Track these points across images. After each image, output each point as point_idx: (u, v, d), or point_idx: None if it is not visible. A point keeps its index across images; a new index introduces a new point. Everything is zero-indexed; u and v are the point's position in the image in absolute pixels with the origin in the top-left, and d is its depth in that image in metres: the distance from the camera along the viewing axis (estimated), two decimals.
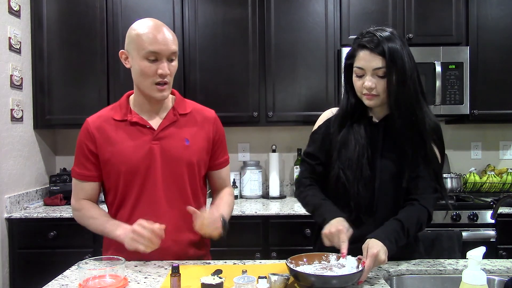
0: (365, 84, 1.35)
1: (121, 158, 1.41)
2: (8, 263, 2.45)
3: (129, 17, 2.74)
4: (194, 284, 1.20)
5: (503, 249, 2.45)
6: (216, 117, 1.57)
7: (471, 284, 0.95)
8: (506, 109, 2.76)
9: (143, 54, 1.36)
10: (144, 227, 1.29)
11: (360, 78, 1.37)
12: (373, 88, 1.34)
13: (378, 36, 1.32)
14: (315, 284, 1.11)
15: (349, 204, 1.40)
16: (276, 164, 2.98)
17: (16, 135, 2.60)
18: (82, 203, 1.48)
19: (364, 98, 1.38)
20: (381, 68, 1.32)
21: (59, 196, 2.72)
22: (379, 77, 1.33)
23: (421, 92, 1.39)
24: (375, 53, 1.32)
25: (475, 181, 2.92)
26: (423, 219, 1.37)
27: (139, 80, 1.41)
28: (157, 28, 1.38)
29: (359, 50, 1.35)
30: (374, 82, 1.34)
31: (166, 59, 1.38)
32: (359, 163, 1.38)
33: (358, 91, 1.39)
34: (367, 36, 1.35)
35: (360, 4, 2.76)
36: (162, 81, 1.38)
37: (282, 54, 2.78)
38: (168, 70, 1.38)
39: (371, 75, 1.34)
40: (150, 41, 1.35)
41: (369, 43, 1.33)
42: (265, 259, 2.04)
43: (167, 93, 1.42)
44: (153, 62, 1.37)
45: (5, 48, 2.51)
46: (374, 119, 1.45)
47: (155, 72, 1.37)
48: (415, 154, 1.37)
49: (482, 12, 2.74)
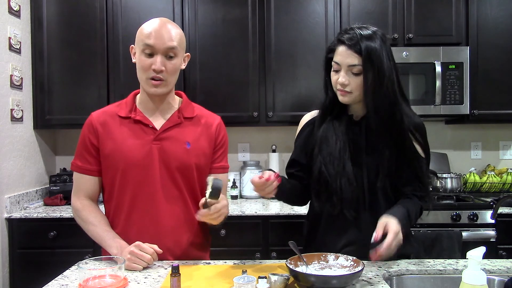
0: (338, 79, 1.36)
1: (121, 154, 1.41)
2: (8, 263, 2.45)
3: (129, 17, 2.74)
4: (194, 284, 1.20)
5: (503, 249, 2.45)
6: (221, 124, 1.57)
7: (471, 284, 0.95)
8: (506, 109, 2.76)
9: (140, 47, 1.39)
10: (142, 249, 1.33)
11: (336, 73, 1.38)
12: (346, 84, 1.35)
13: (358, 33, 1.33)
14: (315, 284, 1.11)
15: (331, 199, 1.41)
16: (276, 164, 2.98)
17: (16, 135, 2.60)
18: (83, 202, 1.47)
19: (338, 93, 1.40)
20: (356, 65, 1.32)
21: (59, 196, 2.72)
22: (354, 75, 1.34)
23: (400, 93, 1.39)
24: (351, 50, 1.32)
25: (475, 181, 2.92)
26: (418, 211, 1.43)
27: (138, 75, 1.43)
28: (159, 24, 1.39)
29: (338, 45, 1.36)
30: (348, 79, 1.35)
31: (163, 55, 1.38)
32: (341, 158, 1.39)
33: (333, 86, 1.40)
34: (348, 32, 1.35)
35: (360, 4, 2.76)
36: (156, 76, 1.38)
37: (282, 54, 2.78)
38: (162, 66, 1.38)
39: (346, 72, 1.35)
40: (147, 34, 1.37)
41: (347, 40, 1.33)
42: (265, 259, 2.04)
43: (161, 90, 1.42)
44: (149, 57, 1.38)
45: (5, 48, 2.51)
46: (354, 117, 1.45)
47: (149, 66, 1.38)
48: (393, 154, 1.38)
49: (482, 12, 2.74)
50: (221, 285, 1.19)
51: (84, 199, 1.48)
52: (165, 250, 1.42)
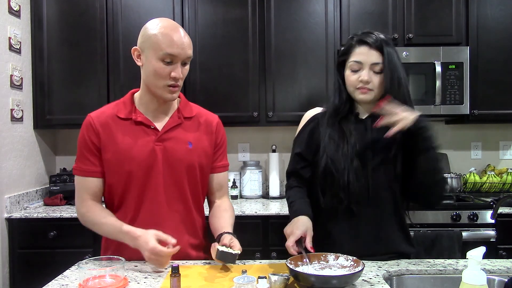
0: (361, 77, 1.39)
1: (123, 157, 1.40)
2: (8, 263, 2.45)
3: (129, 17, 2.74)
4: (194, 284, 1.20)
5: (503, 249, 2.45)
6: (220, 122, 1.57)
7: (471, 284, 0.95)
8: (506, 109, 2.76)
9: (159, 55, 1.35)
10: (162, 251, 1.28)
11: (355, 73, 1.42)
12: (369, 82, 1.39)
13: (376, 34, 1.41)
14: (315, 284, 1.11)
15: (338, 195, 1.42)
16: (276, 164, 2.98)
17: (16, 135, 2.60)
18: (88, 204, 1.44)
19: (358, 92, 1.42)
20: (378, 63, 1.38)
21: (59, 196, 2.72)
22: (375, 73, 1.39)
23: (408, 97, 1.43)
24: (374, 48, 1.39)
25: (475, 181, 2.92)
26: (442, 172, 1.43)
27: (151, 80, 1.39)
28: (175, 30, 1.37)
29: (357, 46, 1.41)
30: (370, 77, 1.39)
31: (181, 63, 1.38)
32: (349, 154, 1.41)
33: (351, 85, 1.43)
34: (366, 33, 1.42)
35: (360, 4, 2.76)
36: (175, 84, 1.38)
37: (282, 54, 2.78)
38: (182, 74, 1.38)
39: (368, 70, 1.39)
40: (168, 43, 1.34)
41: (368, 39, 1.39)
42: (265, 259, 2.03)
43: (176, 95, 1.43)
44: (168, 64, 1.36)
45: (5, 48, 2.51)
46: (361, 115, 1.48)
47: (169, 74, 1.36)
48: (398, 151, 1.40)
49: (482, 12, 2.74)
50: (221, 285, 1.19)
51: (88, 201, 1.45)
52: None
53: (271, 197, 2.94)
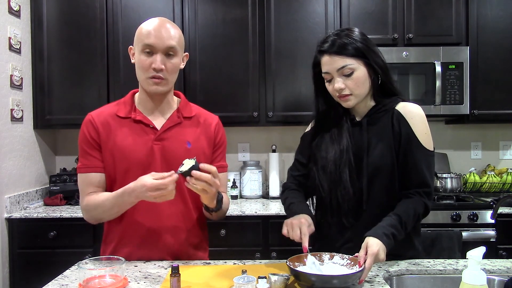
0: (334, 86, 1.38)
1: (122, 155, 1.41)
2: (8, 263, 2.45)
3: (129, 17, 2.74)
4: (194, 284, 1.20)
5: (503, 249, 2.45)
6: (219, 123, 1.57)
7: (471, 284, 0.95)
8: (506, 109, 2.76)
9: (140, 47, 1.39)
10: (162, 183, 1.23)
11: (330, 83, 1.40)
12: (343, 88, 1.37)
13: (332, 36, 1.39)
14: (315, 284, 1.11)
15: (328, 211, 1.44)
16: (276, 164, 2.98)
17: (16, 135, 2.60)
18: (88, 196, 1.42)
19: (341, 101, 1.41)
20: (345, 66, 1.35)
21: (59, 196, 2.72)
22: (346, 76, 1.36)
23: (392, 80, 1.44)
24: (333, 54, 1.36)
25: (475, 181, 2.92)
26: (420, 210, 1.36)
27: (138, 74, 1.43)
28: (158, 23, 1.39)
29: (320, 56, 1.41)
30: (342, 82, 1.36)
31: (163, 54, 1.38)
32: (337, 168, 1.40)
33: (333, 96, 1.43)
34: (322, 41, 1.41)
35: (360, 4, 2.76)
36: (156, 75, 1.38)
37: (282, 54, 2.78)
38: (162, 65, 1.38)
39: (338, 77, 1.37)
40: (146, 34, 1.38)
41: (325, 48, 1.38)
42: (265, 259, 2.03)
43: (162, 88, 1.42)
44: (148, 56, 1.38)
45: (5, 48, 2.51)
46: (357, 118, 1.46)
47: (150, 65, 1.38)
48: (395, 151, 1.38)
49: (482, 12, 2.74)
50: (221, 285, 1.19)
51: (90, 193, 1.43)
52: (164, 249, 1.43)
53: (271, 197, 2.94)
